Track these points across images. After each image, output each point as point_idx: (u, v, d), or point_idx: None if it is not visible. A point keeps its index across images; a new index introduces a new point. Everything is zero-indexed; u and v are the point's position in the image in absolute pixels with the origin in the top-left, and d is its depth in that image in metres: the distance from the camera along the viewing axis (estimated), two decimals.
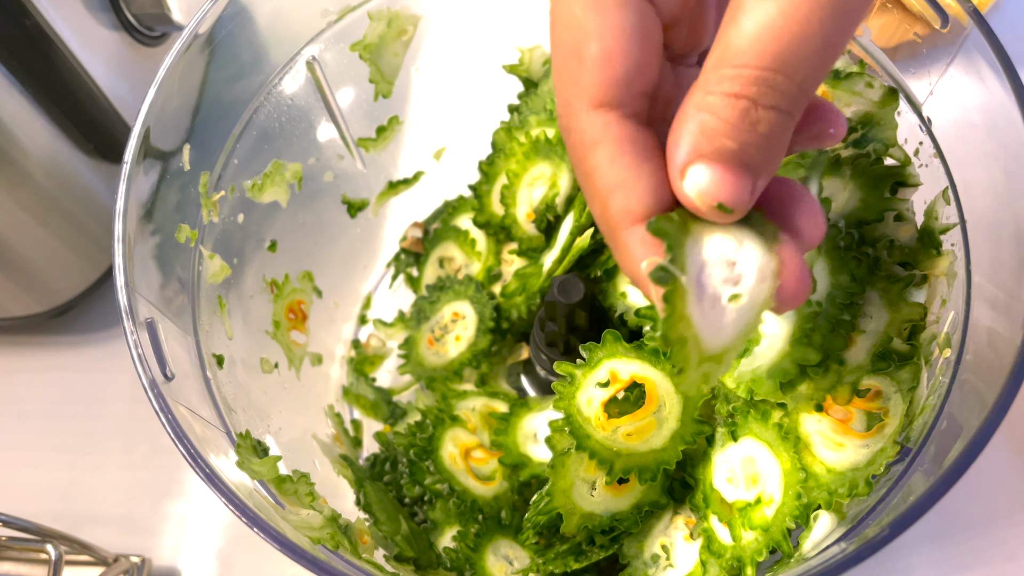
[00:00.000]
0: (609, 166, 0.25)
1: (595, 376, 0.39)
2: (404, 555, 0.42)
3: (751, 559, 0.36)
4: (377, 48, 0.48)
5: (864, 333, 0.37)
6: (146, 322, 0.36)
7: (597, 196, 0.26)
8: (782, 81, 0.23)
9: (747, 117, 0.23)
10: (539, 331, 0.46)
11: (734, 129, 0.23)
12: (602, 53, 0.25)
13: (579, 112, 0.25)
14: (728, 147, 0.24)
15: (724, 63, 0.23)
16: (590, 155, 0.26)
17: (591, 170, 0.26)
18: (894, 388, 0.36)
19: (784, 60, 0.23)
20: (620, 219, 0.26)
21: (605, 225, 0.26)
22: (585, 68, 0.25)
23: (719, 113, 0.23)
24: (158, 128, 0.39)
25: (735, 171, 0.24)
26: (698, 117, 0.24)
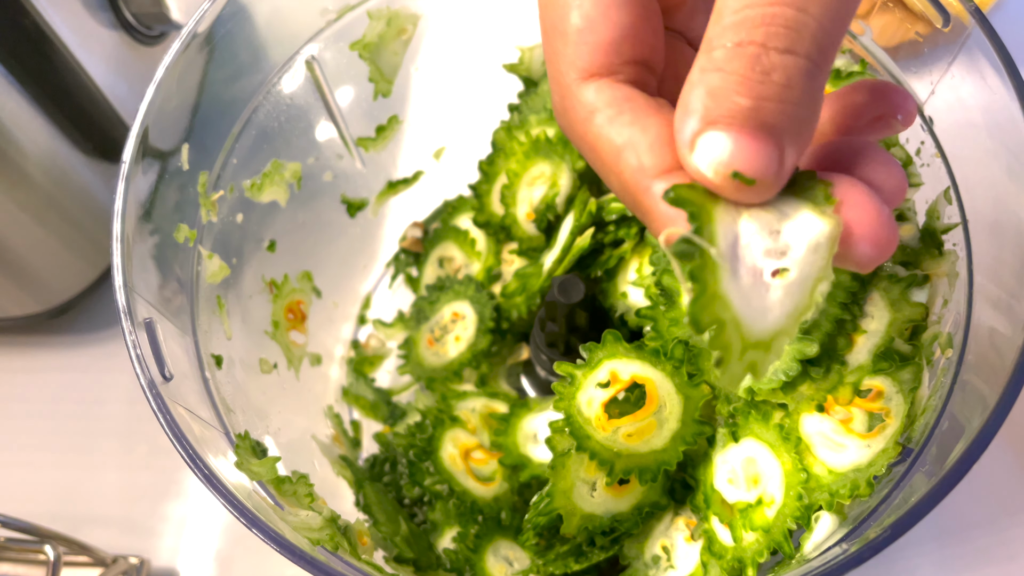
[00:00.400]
0: (611, 129, 0.23)
1: (595, 376, 0.39)
2: (404, 556, 0.42)
3: (752, 560, 0.36)
4: (376, 47, 0.48)
5: (866, 333, 0.37)
6: (145, 322, 0.36)
7: (607, 166, 0.23)
8: (794, 16, 0.19)
9: (758, 65, 0.19)
10: (539, 331, 0.46)
11: (745, 82, 0.20)
12: (584, 21, 0.23)
13: (570, 87, 0.23)
14: (741, 105, 0.20)
15: (724, 13, 0.20)
16: (590, 126, 0.23)
17: (594, 141, 0.23)
18: (896, 388, 0.36)
19: (794, 9, 0.19)
20: (637, 181, 0.22)
21: (626, 195, 0.23)
22: (569, 40, 0.23)
23: (725, 67, 0.20)
24: (157, 128, 0.39)
25: (753, 133, 0.20)
26: (704, 79, 0.20)
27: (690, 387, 0.38)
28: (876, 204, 0.22)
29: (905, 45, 0.38)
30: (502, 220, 0.49)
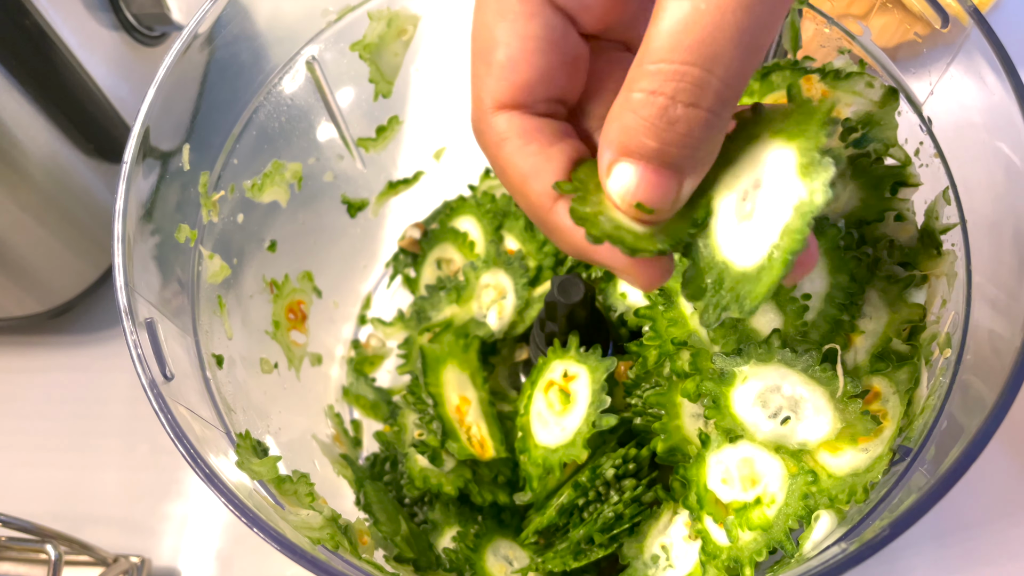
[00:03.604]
0: (519, 156, 0.26)
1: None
2: (404, 556, 0.42)
3: (750, 559, 0.36)
4: (377, 48, 0.48)
5: (863, 333, 0.37)
6: (146, 322, 0.36)
7: (515, 188, 0.27)
8: (700, 75, 0.22)
9: (665, 115, 0.23)
10: (539, 331, 0.46)
11: (653, 128, 0.23)
12: (507, 60, 0.26)
13: (486, 113, 0.27)
14: (649, 146, 0.23)
15: (644, 61, 0.23)
16: (500, 151, 0.26)
17: (504, 164, 0.27)
18: (892, 389, 0.36)
19: (700, 53, 0.22)
20: (541, 204, 0.26)
21: (532, 215, 0.27)
22: (492, 72, 0.26)
23: (639, 111, 0.23)
24: (158, 128, 0.39)
25: (657, 170, 0.24)
26: (622, 116, 0.23)
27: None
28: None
29: (904, 45, 0.38)
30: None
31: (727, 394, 0.37)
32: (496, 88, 0.26)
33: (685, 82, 0.22)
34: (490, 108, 0.26)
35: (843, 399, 0.35)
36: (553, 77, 0.26)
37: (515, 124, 0.26)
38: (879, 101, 0.39)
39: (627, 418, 0.42)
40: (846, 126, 0.39)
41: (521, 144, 0.26)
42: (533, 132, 0.26)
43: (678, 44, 0.22)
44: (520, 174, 0.26)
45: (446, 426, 0.44)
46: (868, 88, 0.39)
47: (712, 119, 0.23)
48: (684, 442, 0.40)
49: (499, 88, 0.26)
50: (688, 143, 0.23)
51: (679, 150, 0.23)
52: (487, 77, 0.26)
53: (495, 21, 0.26)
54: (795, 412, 0.36)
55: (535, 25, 0.26)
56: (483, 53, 0.26)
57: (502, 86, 0.26)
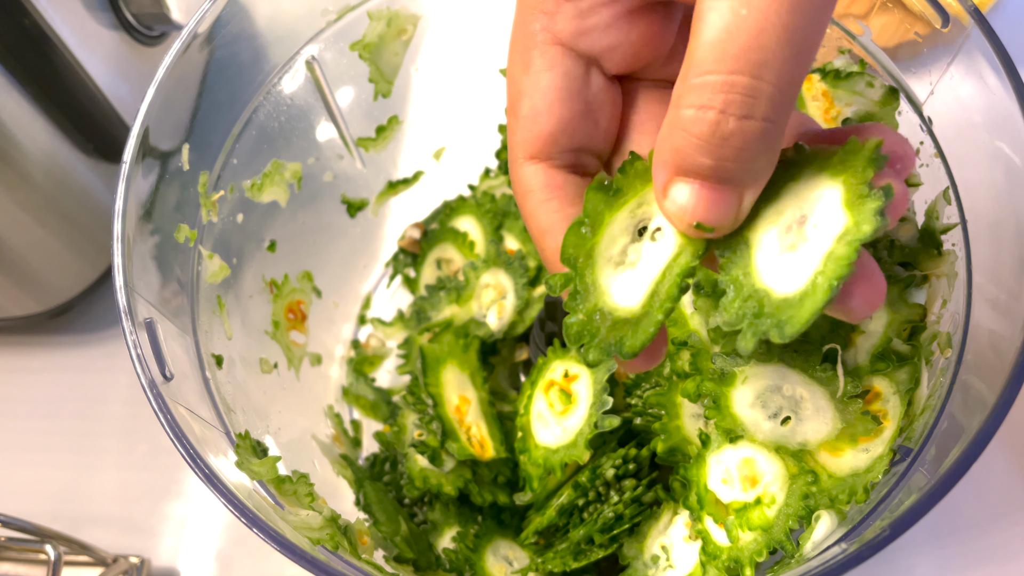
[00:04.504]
0: (539, 212, 0.27)
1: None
2: (404, 556, 0.42)
3: (750, 560, 0.36)
4: (377, 47, 0.48)
5: (864, 334, 0.37)
6: (145, 322, 0.36)
7: (533, 237, 0.28)
8: (750, 83, 0.21)
9: (718, 130, 0.21)
10: (539, 331, 0.46)
11: (707, 145, 0.22)
12: (530, 111, 0.26)
13: (515, 163, 0.27)
14: (704, 163, 0.22)
15: (688, 75, 0.22)
16: (525, 202, 0.28)
17: (527, 215, 0.28)
18: (892, 389, 0.36)
19: (748, 60, 0.21)
20: (553, 259, 0.27)
21: (544, 261, 0.28)
22: (518, 124, 0.27)
23: (690, 129, 0.22)
24: (157, 128, 0.39)
25: (715, 187, 0.23)
26: (672, 136, 0.22)
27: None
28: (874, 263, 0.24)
29: (904, 45, 0.38)
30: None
31: (727, 394, 0.37)
32: (522, 139, 0.27)
33: (735, 93, 0.21)
34: (519, 159, 0.27)
35: (843, 399, 0.35)
36: (576, 127, 0.27)
37: (539, 177, 0.27)
38: (879, 101, 0.39)
39: (627, 418, 0.42)
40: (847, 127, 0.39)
41: (543, 199, 0.27)
42: (555, 188, 0.27)
43: (723, 53, 0.21)
44: (539, 228, 0.28)
45: (446, 426, 0.44)
46: (868, 88, 0.39)
47: (768, 128, 0.21)
48: (684, 442, 0.40)
49: (525, 140, 0.27)
50: (745, 157, 0.22)
51: (736, 164, 0.22)
52: (515, 129, 0.27)
53: (519, 74, 0.27)
54: (795, 412, 0.36)
55: (555, 76, 0.26)
56: (513, 104, 0.27)
57: (527, 137, 0.27)
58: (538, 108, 0.26)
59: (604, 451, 0.41)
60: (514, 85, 0.27)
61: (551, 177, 0.27)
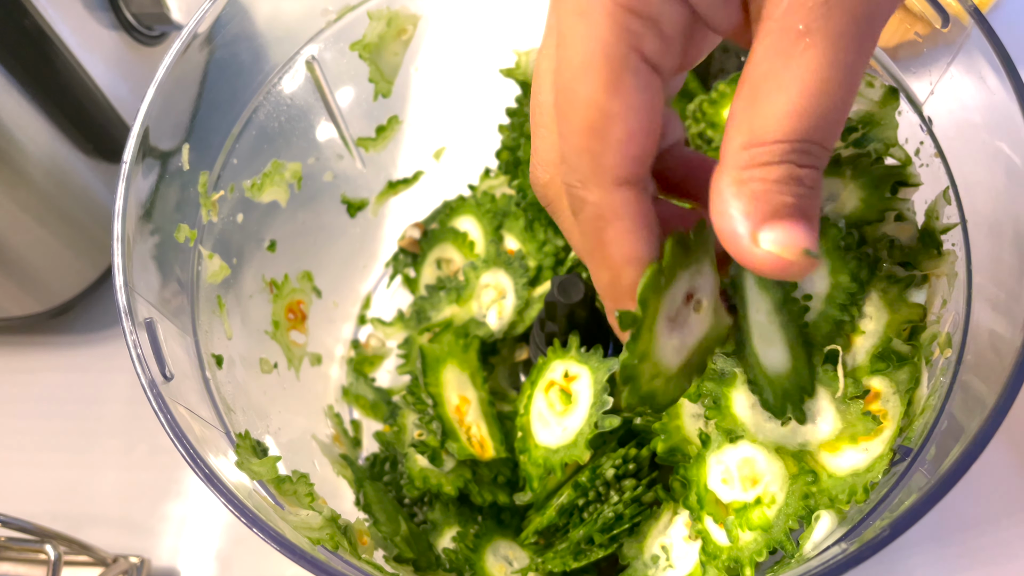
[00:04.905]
0: (627, 240, 0.27)
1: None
2: (403, 556, 0.42)
3: (750, 559, 0.36)
4: (377, 47, 0.48)
5: (864, 334, 0.37)
6: (145, 322, 0.36)
7: (611, 265, 0.27)
8: (815, 147, 0.24)
9: (793, 174, 0.24)
10: (539, 331, 0.46)
11: (786, 186, 0.24)
12: (627, 134, 0.25)
13: (601, 187, 0.26)
14: (787, 202, 0.24)
15: (755, 143, 0.24)
16: (609, 227, 0.27)
17: (608, 241, 0.27)
18: (892, 389, 0.36)
19: (816, 129, 0.24)
20: (626, 291, 0.27)
21: (614, 291, 0.28)
22: (609, 147, 0.25)
23: (766, 177, 0.24)
24: (157, 128, 0.39)
25: (801, 220, 0.25)
26: (745, 190, 0.24)
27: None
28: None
29: (904, 45, 0.38)
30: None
31: (727, 394, 0.37)
32: (615, 163, 0.26)
33: (804, 152, 0.24)
34: (609, 183, 0.26)
35: (844, 399, 0.35)
36: (658, 139, 0.26)
37: (632, 207, 0.26)
38: (879, 101, 0.39)
39: (627, 418, 0.41)
40: (847, 126, 0.39)
41: (633, 227, 0.27)
42: (643, 217, 0.27)
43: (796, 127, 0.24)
44: (623, 256, 0.27)
45: (446, 426, 0.44)
46: (868, 88, 0.39)
47: (821, 174, 0.25)
48: (684, 442, 0.40)
49: (618, 163, 0.26)
50: (814, 195, 0.25)
51: (809, 201, 0.25)
52: (604, 152, 0.26)
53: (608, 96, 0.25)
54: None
55: (648, 95, 0.26)
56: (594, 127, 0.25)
57: (621, 161, 0.26)
58: (634, 130, 0.25)
59: (604, 451, 0.41)
60: (595, 106, 0.25)
61: (642, 205, 0.27)
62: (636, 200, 0.26)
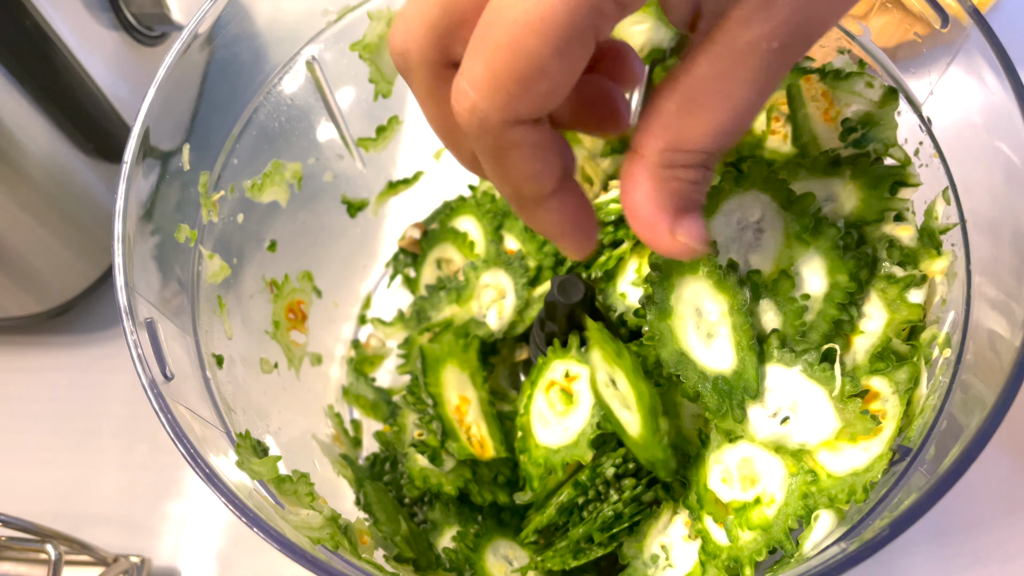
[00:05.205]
0: (525, 163, 0.29)
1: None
2: (404, 555, 0.42)
3: (750, 559, 0.36)
4: (377, 48, 0.48)
5: (863, 334, 0.37)
6: (146, 322, 0.36)
7: (511, 182, 0.30)
8: (726, 151, 0.29)
9: (706, 177, 0.29)
10: (539, 331, 0.46)
11: (699, 187, 0.29)
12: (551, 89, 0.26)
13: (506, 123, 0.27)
14: (696, 200, 0.29)
15: (681, 148, 0.28)
16: (508, 154, 0.28)
17: (508, 165, 0.29)
18: (892, 389, 0.36)
19: (730, 143, 0.28)
20: (534, 200, 0.30)
21: (518, 202, 0.31)
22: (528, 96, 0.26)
23: (686, 178, 0.28)
24: (158, 128, 0.39)
25: (701, 215, 0.30)
26: (666, 187, 0.28)
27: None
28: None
29: (904, 46, 0.38)
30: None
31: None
32: (522, 108, 0.26)
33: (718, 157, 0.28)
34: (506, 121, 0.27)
35: (842, 398, 0.35)
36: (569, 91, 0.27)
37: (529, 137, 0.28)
38: (879, 101, 0.39)
39: None
40: (846, 126, 0.39)
41: (530, 154, 0.28)
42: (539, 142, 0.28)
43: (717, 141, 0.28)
44: (521, 174, 0.29)
45: (446, 426, 0.44)
46: (868, 88, 0.39)
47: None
48: (684, 442, 0.40)
49: (526, 109, 0.26)
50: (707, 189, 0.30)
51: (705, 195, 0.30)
52: (518, 98, 0.26)
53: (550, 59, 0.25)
54: (794, 412, 0.36)
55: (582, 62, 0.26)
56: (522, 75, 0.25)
57: (530, 107, 0.26)
58: (560, 87, 0.26)
59: (604, 450, 0.41)
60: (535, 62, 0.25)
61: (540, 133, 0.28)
62: (534, 130, 0.28)
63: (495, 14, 0.25)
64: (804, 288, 0.37)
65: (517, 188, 0.30)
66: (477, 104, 0.26)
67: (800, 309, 0.36)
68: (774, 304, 0.37)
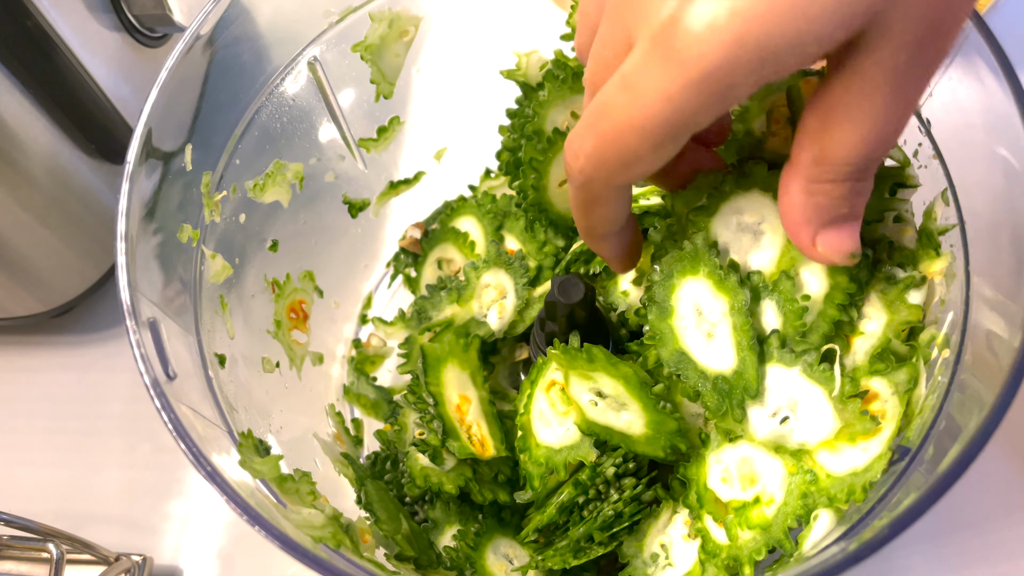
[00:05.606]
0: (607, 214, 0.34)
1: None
2: (404, 554, 0.42)
3: (749, 558, 0.36)
4: (378, 49, 0.48)
5: (863, 335, 0.37)
6: (148, 322, 0.36)
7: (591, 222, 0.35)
8: (872, 168, 0.30)
9: (855, 189, 0.30)
10: (539, 331, 0.46)
11: (846, 200, 0.30)
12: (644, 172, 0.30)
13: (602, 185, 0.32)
14: (843, 213, 0.31)
15: (826, 162, 0.29)
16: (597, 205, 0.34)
17: (593, 212, 0.34)
18: (891, 390, 0.36)
19: (876, 155, 0.29)
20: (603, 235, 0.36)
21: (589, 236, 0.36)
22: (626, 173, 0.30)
23: (831, 193, 0.30)
24: (160, 129, 0.39)
25: (848, 227, 0.31)
26: (811, 200, 0.30)
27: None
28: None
29: None
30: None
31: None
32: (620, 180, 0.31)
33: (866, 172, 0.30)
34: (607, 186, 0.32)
35: (842, 399, 0.36)
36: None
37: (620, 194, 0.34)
38: None
39: None
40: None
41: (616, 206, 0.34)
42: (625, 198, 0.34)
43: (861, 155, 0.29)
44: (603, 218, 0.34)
45: (447, 425, 0.44)
46: None
47: (873, 175, 0.31)
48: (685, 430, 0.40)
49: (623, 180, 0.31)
50: (863, 200, 0.31)
51: (861, 205, 0.31)
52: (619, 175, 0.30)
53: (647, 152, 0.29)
54: (794, 412, 0.36)
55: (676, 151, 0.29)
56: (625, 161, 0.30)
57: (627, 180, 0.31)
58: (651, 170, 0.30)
59: (604, 449, 0.42)
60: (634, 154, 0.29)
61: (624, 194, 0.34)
62: (622, 192, 0.33)
63: (605, 108, 0.29)
64: (804, 289, 0.37)
65: (593, 227, 0.35)
66: (584, 168, 0.31)
67: (800, 310, 0.36)
68: (775, 304, 0.37)
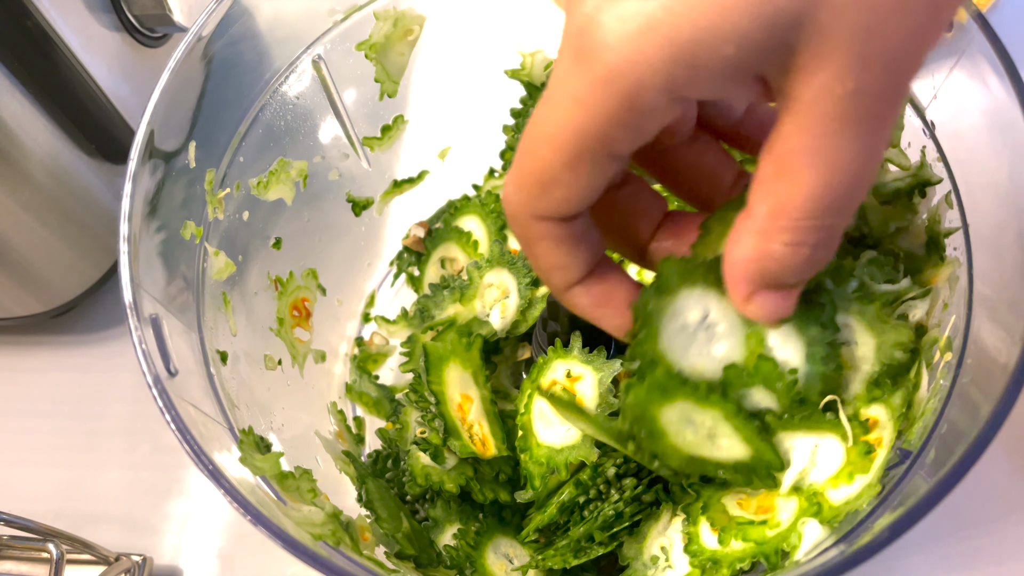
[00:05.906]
0: (549, 254, 0.30)
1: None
2: (405, 552, 0.42)
3: (731, 564, 0.36)
4: (383, 48, 0.48)
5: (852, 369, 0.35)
6: (150, 318, 0.36)
7: (540, 271, 0.31)
8: (836, 224, 0.26)
9: (810, 259, 0.26)
10: (541, 330, 0.46)
11: (795, 271, 0.27)
12: (565, 198, 0.28)
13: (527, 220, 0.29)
14: (788, 282, 0.28)
15: (782, 216, 0.26)
16: (533, 245, 0.30)
17: (535, 254, 0.31)
18: (888, 415, 0.35)
19: (839, 208, 0.25)
20: (561, 288, 0.32)
21: (549, 286, 0.32)
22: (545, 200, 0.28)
23: (783, 261, 0.27)
24: (162, 130, 0.39)
25: (792, 293, 0.29)
26: (759, 265, 0.27)
27: None
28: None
29: None
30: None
31: None
32: (543, 208, 0.28)
33: (825, 232, 0.26)
34: (531, 216, 0.29)
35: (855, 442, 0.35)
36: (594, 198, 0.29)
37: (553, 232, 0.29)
38: None
39: None
40: None
41: (552, 246, 0.30)
42: (564, 239, 0.30)
43: (820, 207, 0.25)
44: (548, 264, 0.31)
45: (448, 424, 0.44)
46: None
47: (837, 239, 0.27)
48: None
49: (546, 209, 0.28)
50: (817, 271, 0.27)
51: (811, 273, 0.28)
52: (537, 199, 0.28)
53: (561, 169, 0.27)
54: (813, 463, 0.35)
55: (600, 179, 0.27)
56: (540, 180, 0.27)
57: (549, 209, 0.28)
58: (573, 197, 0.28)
59: (605, 449, 0.42)
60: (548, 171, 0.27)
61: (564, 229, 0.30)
62: (558, 227, 0.29)
63: (529, 127, 0.27)
64: (786, 363, 0.34)
65: (548, 277, 0.31)
66: (508, 196, 0.29)
67: (791, 384, 0.34)
68: (763, 389, 0.34)
